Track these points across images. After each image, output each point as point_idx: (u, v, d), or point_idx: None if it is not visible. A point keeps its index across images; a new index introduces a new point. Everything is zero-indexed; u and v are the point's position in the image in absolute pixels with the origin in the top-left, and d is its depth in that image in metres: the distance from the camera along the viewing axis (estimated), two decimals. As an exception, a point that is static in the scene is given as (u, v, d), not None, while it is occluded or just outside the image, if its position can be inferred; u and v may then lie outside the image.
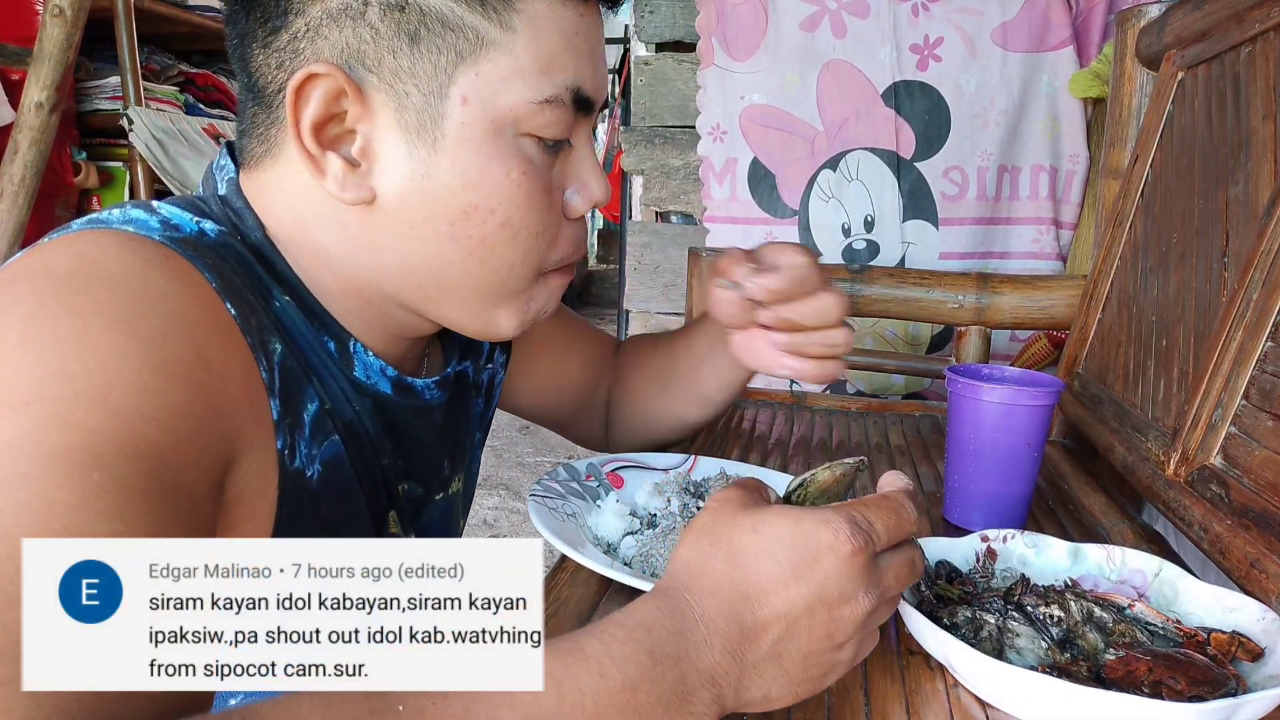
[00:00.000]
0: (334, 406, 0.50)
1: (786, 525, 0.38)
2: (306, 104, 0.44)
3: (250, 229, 0.48)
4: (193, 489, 0.37)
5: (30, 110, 1.97)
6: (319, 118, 0.44)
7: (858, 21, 1.56)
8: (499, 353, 0.70)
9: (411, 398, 0.56)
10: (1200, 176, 0.74)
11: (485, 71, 0.44)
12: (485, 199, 0.46)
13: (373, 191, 0.46)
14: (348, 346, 0.51)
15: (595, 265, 6.17)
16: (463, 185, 0.45)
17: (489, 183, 0.45)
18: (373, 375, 0.53)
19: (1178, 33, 0.84)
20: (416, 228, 0.46)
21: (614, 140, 4.10)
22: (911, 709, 0.45)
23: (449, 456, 0.62)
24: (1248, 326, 0.58)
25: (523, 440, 2.97)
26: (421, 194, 0.45)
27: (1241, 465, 0.56)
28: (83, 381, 0.34)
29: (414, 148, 0.45)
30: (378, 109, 0.44)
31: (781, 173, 1.62)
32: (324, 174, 0.45)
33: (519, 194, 0.47)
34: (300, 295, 0.49)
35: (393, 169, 0.45)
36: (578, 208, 0.51)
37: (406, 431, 0.56)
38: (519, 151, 0.46)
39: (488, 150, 0.45)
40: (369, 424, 0.52)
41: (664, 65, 1.73)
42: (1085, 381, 0.90)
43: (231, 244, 0.47)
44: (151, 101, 2.56)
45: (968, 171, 1.56)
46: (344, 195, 0.45)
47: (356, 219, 0.47)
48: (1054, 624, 0.48)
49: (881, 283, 1.11)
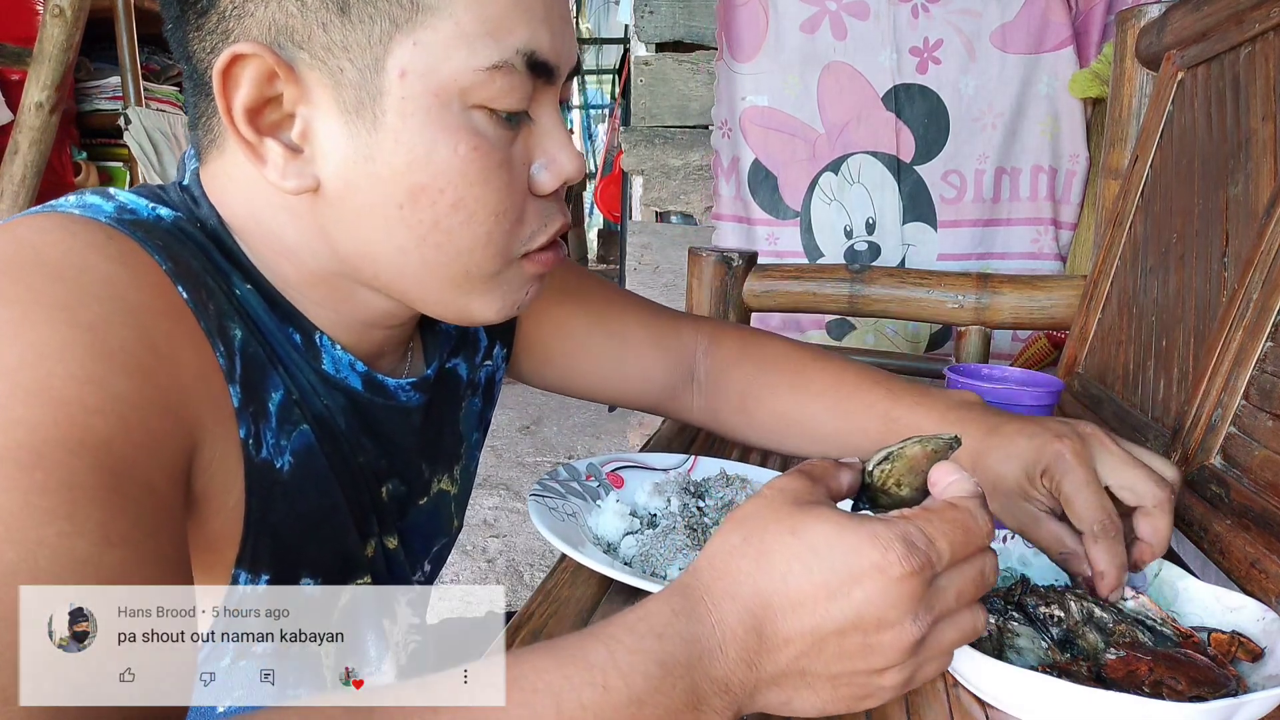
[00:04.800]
0: (301, 397, 0.47)
1: (829, 533, 0.35)
2: (236, 87, 0.40)
3: (207, 215, 0.46)
4: (151, 482, 0.35)
5: (30, 110, 1.97)
6: (252, 102, 0.41)
7: (858, 23, 1.57)
8: (498, 349, 0.66)
9: (384, 396, 0.52)
10: (1200, 177, 0.74)
11: (424, 40, 0.40)
12: (433, 179, 0.42)
13: (315, 179, 0.43)
14: (313, 339, 0.48)
15: (595, 265, 6.17)
16: (407, 166, 0.42)
17: (436, 162, 0.42)
18: (342, 369, 0.50)
19: (1178, 33, 0.84)
20: (365, 215, 0.43)
21: (614, 140, 4.10)
22: (912, 709, 0.45)
23: (427, 460, 0.59)
24: (1247, 327, 0.58)
25: (523, 440, 2.97)
26: (366, 177, 0.42)
27: (1241, 465, 0.56)
28: (21, 375, 0.32)
29: (354, 129, 0.41)
30: (314, 89, 0.41)
31: (783, 174, 1.62)
32: (263, 161, 0.42)
33: (470, 171, 0.42)
34: (260, 285, 0.46)
35: (335, 153, 0.42)
36: (545, 184, 0.46)
37: (383, 431, 0.53)
38: (469, 125, 0.42)
39: (433, 126, 0.41)
40: (341, 420, 0.50)
41: (664, 65, 1.74)
42: (1085, 381, 0.90)
43: (188, 229, 0.44)
44: (151, 101, 2.56)
45: (965, 175, 1.56)
46: (285, 184, 0.42)
47: (306, 207, 0.44)
48: (1054, 624, 0.48)
49: (882, 283, 1.12)
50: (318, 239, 0.45)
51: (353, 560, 0.51)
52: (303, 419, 0.47)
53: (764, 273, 1.17)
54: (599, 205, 4.26)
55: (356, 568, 0.52)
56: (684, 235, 1.76)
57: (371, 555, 0.53)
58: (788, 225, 1.63)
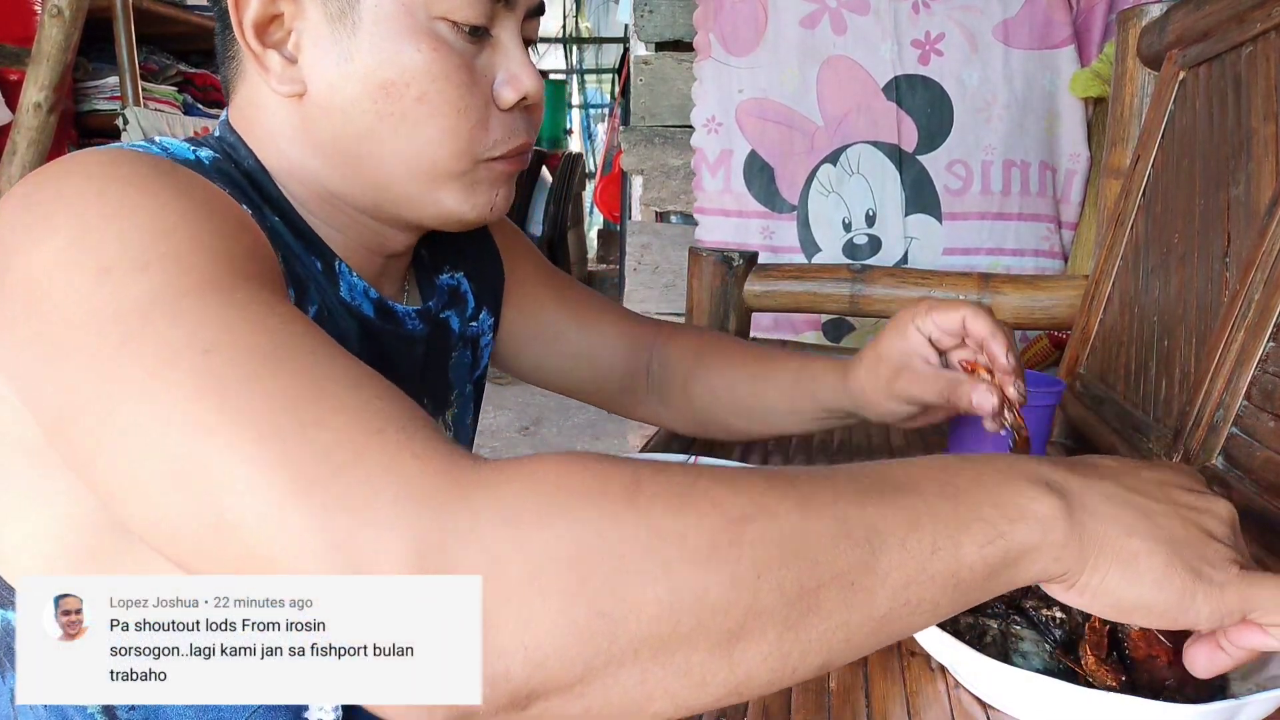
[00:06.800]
0: (329, 314, 0.53)
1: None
2: (246, 6, 0.48)
3: (243, 156, 0.52)
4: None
5: (28, 111, 1.96)
6: (258, 18, 0.48)
7: (858, 18, 1.56)
8: (485, 314, 0.72)
9: (393, 323, 0.59)
10: (1201, 177, 0.74)
11: None
12: (400, 75, 0.49)
13: (304, 83, 0.50)
14: (333, 266, 0.54)
15: (595, 265, 6.17)
16: (378, 64, 0.49)
17: (403, 59, 0.49)
18: (357, 296, 0.56)
19: (1179, 32, 0.84)
20: (347, 111, 0.50)
21: (614, 140, 4.09)
22: (912, 710, 0.45)
23: (429, 394, 0.65)
24: (1249, 327, 0.58)
25: (522, 441, 2.97)
26: (345, 77, 0.49)
27: (1243, 466, 0.56)
28: (177, 235, 0.38)
29: (338, 35, 0.49)
30: (307, 5, 0.49)
31: (780, 167, 1.61)
32: (268, 70, 0.49)
33: (433, 68, 0.49)
34: (289, 216, 0.53)
35: (322, 58, 0.49)
36: (507, 98, 0.53)
37: (389, 361, 0.58)
38: (431, 31, 0.49)
39: (400, 29, 0.48)
40: (355, 345, 0.54)
41: (664, 65, 1.73)
42: (1087, 382, 0.89)
43: (225, 168, 0.50)
44: (150, 101, 2.55)
45: (971, 166, 1.55)
46: (281, 89, 0.50)
47: (299, 112, 0.51)
48: (1056, 625, 0.48)
49: (883, 283, 1.11)
50: (317, 152, 0.52)
51: None
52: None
53: (765, 273, 1.16)
54: (599, 205, 4.25)
55: None
56: (684, 235, 1.76)
57: None
58: (784, 219, 1.61)
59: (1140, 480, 0.37)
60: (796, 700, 0.45)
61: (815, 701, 0.45)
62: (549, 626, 0.28)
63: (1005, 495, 0.34)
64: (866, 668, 0.48)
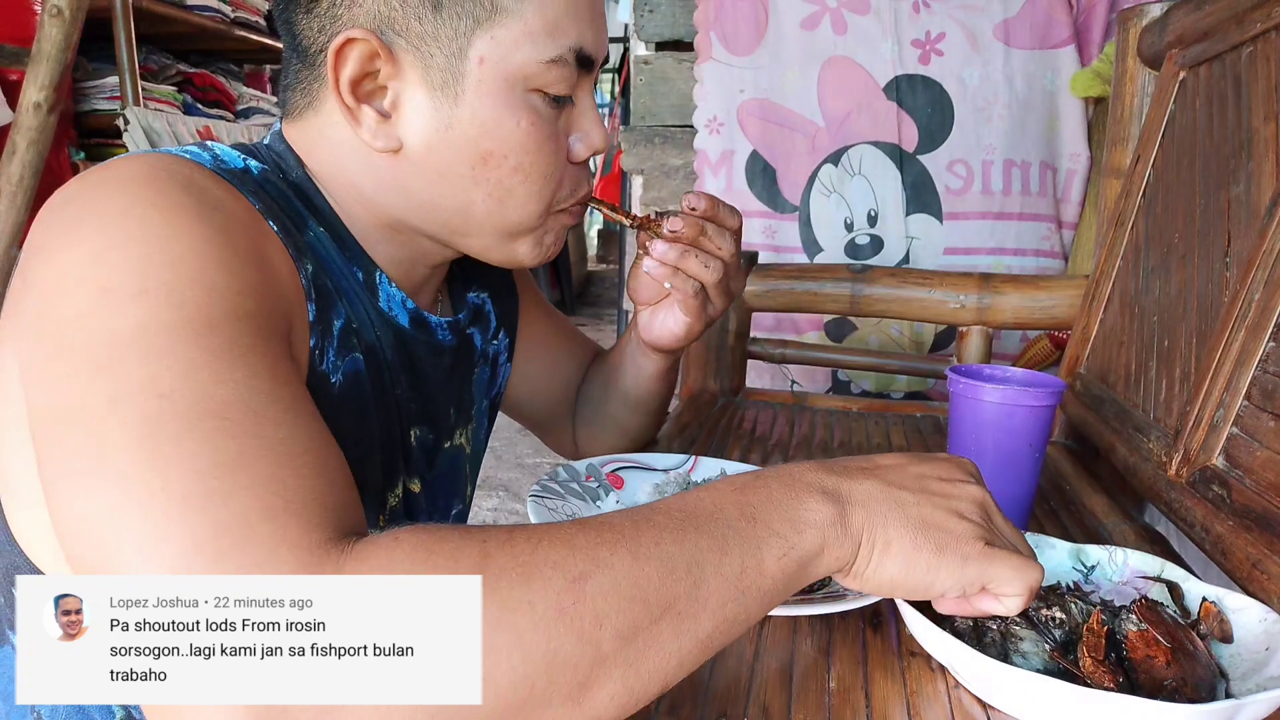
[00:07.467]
0: (360, 326, 0.55)
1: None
2: (345, 64, 0.50)
3: (291, 168, 0.55)
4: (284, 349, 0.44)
5: (28, 110, 1.96)
6: (356, 75, 0.50)
7: (858, 18, 1.56)
8: (503, 335, 0.74)
9: (426, 334, 0.61)
10: (1202, 176, 0.74)
11: (499, 35, 0.50)
12: (500, 146, 0.52)
13: (399, 140, 0.52)
14: (374, 277, 0.57)
15: (595, 265, 6.17)
16: (480, 134, 0.51)
17: (503, 132, 0.52)
18: (394, 306, 0.58)
19: (1179, 32, 0.84)
20: (442, 172, 0.53)
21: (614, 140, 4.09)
22: (912, 710, 0.45)
23: (455, 404, 0.67)
24: (1250, 327, 0.58)
25: (522, 441, 2.97)
26: (445, 143, 0.52)
27: (1243, 466, 0.56)
28: (182, 266, 0.40)
29: (438, 102, 0.51)
30: (406, 68, 0.50)
31: (782, 167, 1.61)
32: (360, 124, 0.51)
33: (529, 142, 0.53)
34: (334, 227, 0.55)
35: (419, 120, 0.51)
36: (580, 153, 0.57)
37: (420, 370, 0.61)
38: (528, 105, 0.52)
39: (501, 104, 0.51)
40: (388, 352, 0.57)
41: (664, 64, 1.73)
42: (1087, 382, 0.89)
43: (273, 180, 0.52)
44: (150, 101, 2.55)
45: (972, 165, 1.55)
46: (375, 143, 0.52)
47: (387, 164, 0.53)
48: (1055, 625, 0.48)
49: (883, 283, 1.11)
50: (394, 192, 0.54)
51: (375, 502, 0.56)
52: (357, 347, 0.54)
53: (766, 273, 1.16)
54: (599, 204, 4.23)
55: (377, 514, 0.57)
56: (684, 235, 1.76)
57: (394, 506, 0.59)
58: (786, 219, 1.62)
59: (904, 475, 0.43)
60: (796, 700, 0.46)
61: (815, 701, 0.45)
62: None
63: (792, 509, 0.39)
64: (866, 667, 0.48)
